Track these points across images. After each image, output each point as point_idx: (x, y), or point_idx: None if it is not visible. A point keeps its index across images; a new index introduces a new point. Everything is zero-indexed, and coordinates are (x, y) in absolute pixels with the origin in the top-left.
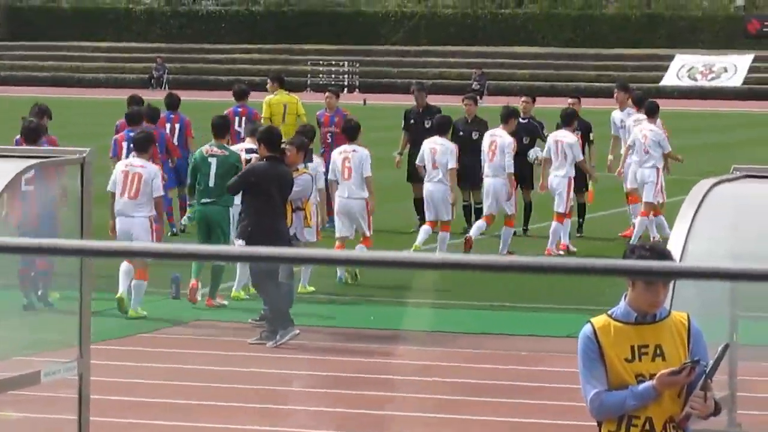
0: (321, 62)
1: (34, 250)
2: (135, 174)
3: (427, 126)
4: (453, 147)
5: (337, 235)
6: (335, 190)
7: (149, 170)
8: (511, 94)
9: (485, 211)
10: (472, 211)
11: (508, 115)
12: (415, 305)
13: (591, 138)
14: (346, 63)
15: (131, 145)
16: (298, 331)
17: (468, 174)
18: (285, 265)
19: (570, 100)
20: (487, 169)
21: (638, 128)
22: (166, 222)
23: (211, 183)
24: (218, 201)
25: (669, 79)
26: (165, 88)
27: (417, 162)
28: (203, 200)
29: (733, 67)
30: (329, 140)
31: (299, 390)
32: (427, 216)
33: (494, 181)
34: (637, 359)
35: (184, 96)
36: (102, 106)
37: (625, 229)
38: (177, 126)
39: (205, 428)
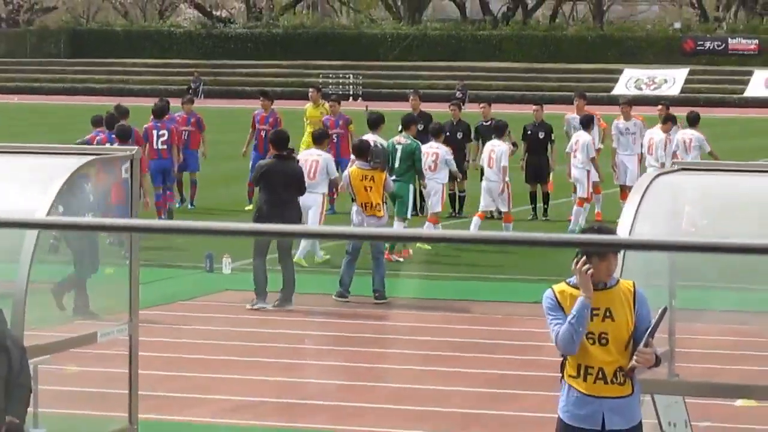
0: (330, 75)
1: (96, 228)
2: (313, 161)
3: (419, 129)
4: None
5: (481, 208)
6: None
7: (324, 157)
8: (488, 101)
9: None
10: (456, 199)
11: (667, 119)
12: (407, 276)
13: (552, 137)
14: (351, 76)
15: (160, 133)
16: (292, 307)
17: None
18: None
19: (534, 107)
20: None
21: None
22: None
23: (397, 165)
24: (402, 179)
25: (619, 89)
26: (201, 97)
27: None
28: (392, 178)
29: (672, 79)
30: (335, 140)
31: (310, 347)
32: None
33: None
34: (590, 320)
35: (218, 104)
36: (147, 112)
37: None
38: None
39: (232, 379)
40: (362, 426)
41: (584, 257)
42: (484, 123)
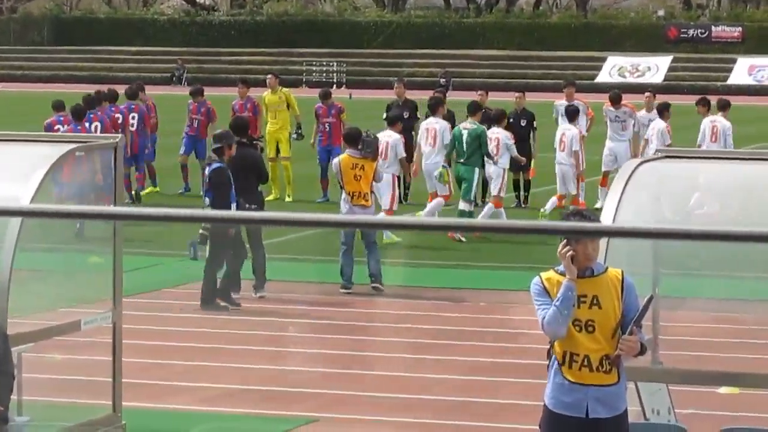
0: (314, 63)
1: (78, 215)
2: (386, 142)
3: (405, 116)
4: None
5: (558, 192)
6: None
7: (393, 139)
8: (472, 89)
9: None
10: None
11: (725, 106)
12: (393, 264)
13: (535, 125)
14: (335, 63)
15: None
16: (264, 293)
17: None
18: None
19: (516, 94)
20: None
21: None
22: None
23: (464, 148)
24: (468, 162)
25: (603, 77)
26: (184, 84)
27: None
28: (459, 161)
29: (656, 67)
30: (327, 129)
31: (295, 335)
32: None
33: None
34: (576, 306)
35: None
36: None
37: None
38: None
39: (216, 367)
40: (347, 414)
41: (566, 241)
42: None
